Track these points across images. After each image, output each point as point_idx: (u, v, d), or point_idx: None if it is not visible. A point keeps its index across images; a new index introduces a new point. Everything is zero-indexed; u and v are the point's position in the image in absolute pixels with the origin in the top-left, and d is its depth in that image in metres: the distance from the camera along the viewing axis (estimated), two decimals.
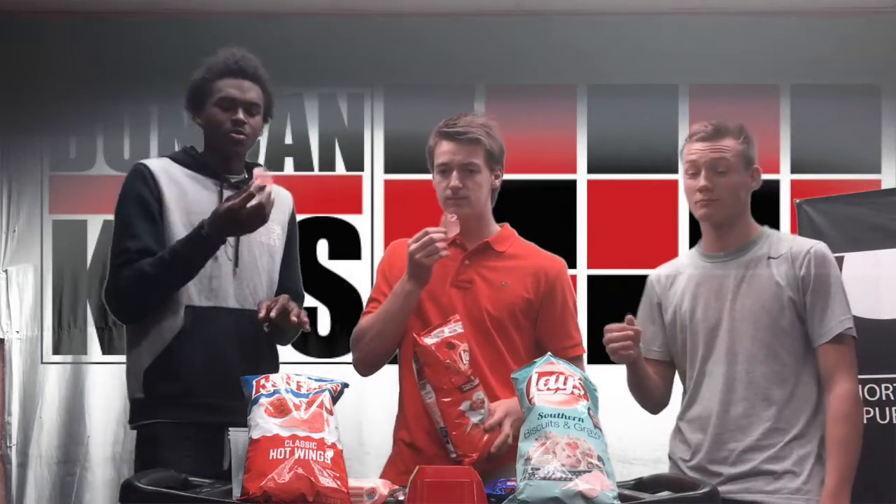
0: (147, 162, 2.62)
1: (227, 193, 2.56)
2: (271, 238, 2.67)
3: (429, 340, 2.28)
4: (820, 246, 2.43)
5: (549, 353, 2.12)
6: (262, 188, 2.39)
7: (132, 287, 2.48)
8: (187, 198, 2.56)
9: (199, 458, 2.37)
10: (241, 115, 2.60)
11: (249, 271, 2.59)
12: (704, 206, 2.44)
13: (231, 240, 2.54)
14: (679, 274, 2.56)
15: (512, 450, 2.37)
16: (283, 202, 2.71)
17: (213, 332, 2.52)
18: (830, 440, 2.33)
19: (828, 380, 2.36)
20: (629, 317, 2.43)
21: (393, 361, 2.54)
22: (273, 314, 2.49)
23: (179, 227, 2.53)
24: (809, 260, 2.39)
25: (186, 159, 2.65)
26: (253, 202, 2.38)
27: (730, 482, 2.36)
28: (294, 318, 2.52)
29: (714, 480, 2.35)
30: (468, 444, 2.28)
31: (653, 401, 2.59)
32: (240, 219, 2.40)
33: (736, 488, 2.35)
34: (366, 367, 2.57)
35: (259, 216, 2.41)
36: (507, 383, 2.46)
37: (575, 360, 2.45)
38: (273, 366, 2.61)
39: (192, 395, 2.43)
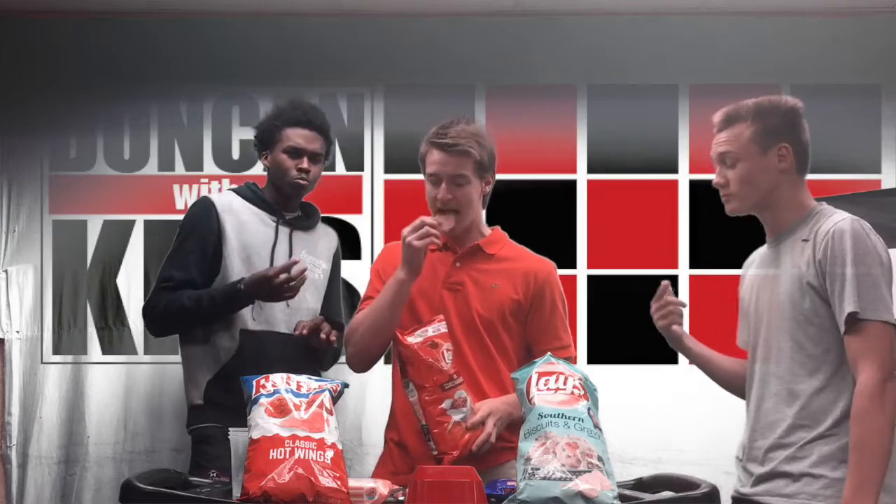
0: (213, 197, 2.95)
1: (282, 229, 2.91)
2: (316, 273, 2.96)
3: (412, 339, 2.31)
4: (843, 224, 2.21)
5: (548, 353, 2.12)
6: (293, 265, 2.73)
7: (168, 312, 2.83)
8: (246, 231, 2.87)
9: None
10: (305, 163, 2.89)
11: (298, 301, 2.86)
12: (725, 202, 2.37)
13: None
14: (752, 263, 2.47)
15: (497, 453, 2.39)
16: (329, 239, 3.06)
17: (264, 352, 2.81)
18: (849, 441, 2.14)
19: (854, 374, 2.17)
20: (664, 283, 2.42)
21: (388, 361, 2.55)
22: (305, 331, 2.80)
23: (236, 259, 2.84)
24: (827, 241, 2.20)
25: (249, 194, 2.96)
26: (283, 276, 2.70)
27: (758, 483, 2.27)
28: (323, 336, 2.82)
29: (750, 480, 2.30)
30: (449, 441, 2.30)
31: (731, 389, 2.50)
32: (272, 287, 2.72)
33: (759, 490, 2.26)
34: (359, 363, 2.60)
35: (287, 289, 2.74)
36: (497, 383, 2.48)
37: None
38: None
39: (243, 405, 2.51)
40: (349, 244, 3.91)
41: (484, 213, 2.72)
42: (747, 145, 2.30)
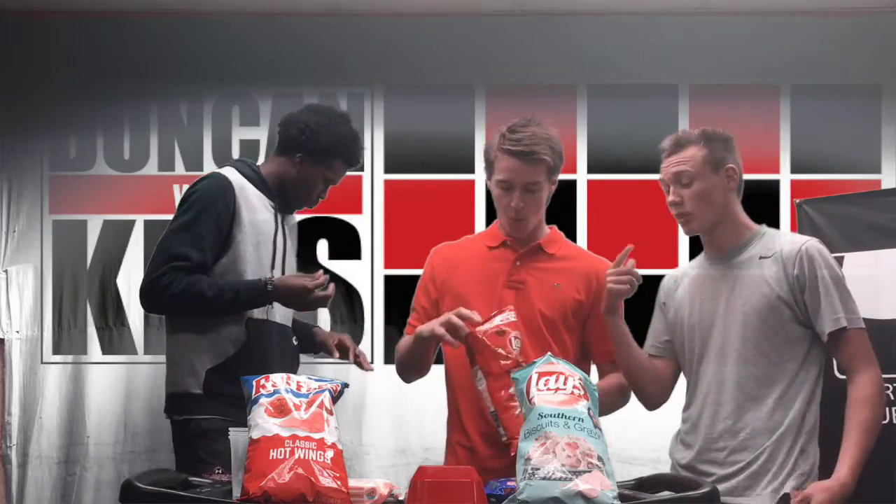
0: (227, 174, 2.79)
1: (278, 215, 2.83)
2: (292, 258, 2.93)
3: (480, 328, 2.31)
4: (810, 244, 2.43)
5: (549, 353, 2.12)
6: (328, 282, 2.69)
7: (185, 296, 2.65)
8: (256, 214, 2.77)
9: None
10: (327, 193, 2.89)
11: None
12: (681, 221, 2.51)
13: (279, 262, 2.81)
14: (684, 276, 2.60)
15: None
16: (293, 221, 2.97)
17: (265, 342, 2.76)
18: (856, 423, 2.34)
19: (847, 375, 2.41)
20: (629, 247, 2.45)
21: (438, 361, 2.55)
22: (361, 357, 2.90)
23: (248, 244, 2.75)
24: (801, 259, 2.39)
25: (251, 174, 2.83)
26: (322, 293, 2.67)
27: (719, 482, 2.36)
28: (368, 368, 2.93)
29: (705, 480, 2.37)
30: (517, 427, 2.30)
31: (641, 388, 2.57)
32: (306, 299, 2.68)
33: (722, 489, 2.32)
34: (404, 377, 2.65)
35: (320, 304, 2.71)
36: None
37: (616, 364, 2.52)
38: (296, 370, 2.87)
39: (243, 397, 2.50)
40: (349, 244, 3.92)
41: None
42: (702, 164, 2.46)
